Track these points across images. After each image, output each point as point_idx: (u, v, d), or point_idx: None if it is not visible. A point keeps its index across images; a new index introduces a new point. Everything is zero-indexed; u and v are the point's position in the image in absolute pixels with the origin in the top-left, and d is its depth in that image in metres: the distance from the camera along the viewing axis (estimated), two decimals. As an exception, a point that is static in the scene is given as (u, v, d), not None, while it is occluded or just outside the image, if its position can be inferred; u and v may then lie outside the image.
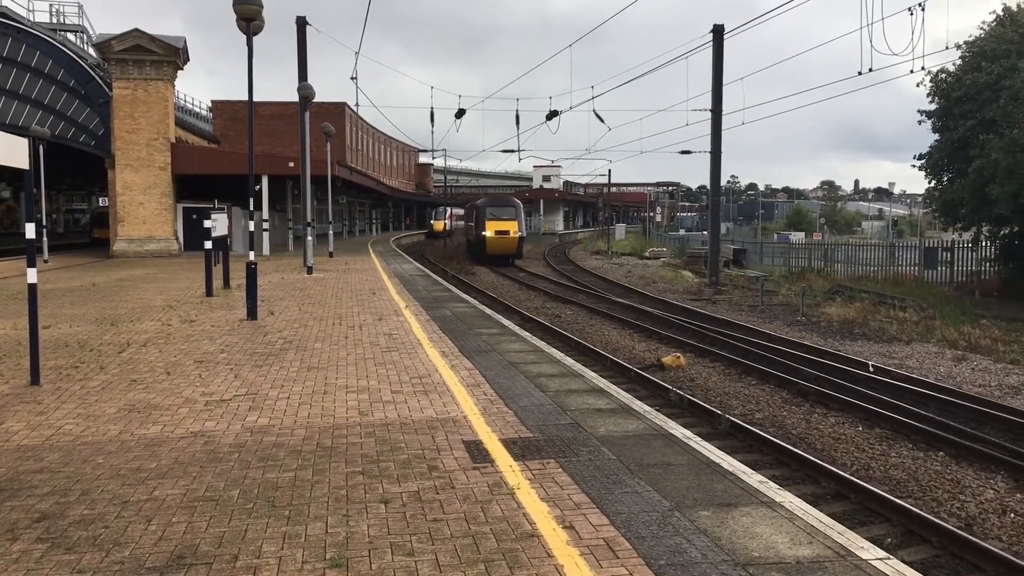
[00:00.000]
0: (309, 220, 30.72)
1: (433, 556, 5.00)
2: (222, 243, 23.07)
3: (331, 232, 42.05)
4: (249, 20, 16.28)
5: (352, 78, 39.35)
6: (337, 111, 66.25)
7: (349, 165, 57.71)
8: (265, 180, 37.13)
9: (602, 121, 38.97)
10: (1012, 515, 8.41)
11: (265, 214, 36.97)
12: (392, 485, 6.29)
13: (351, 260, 36.19)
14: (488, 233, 46.28)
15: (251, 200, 17.66)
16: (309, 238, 28.99)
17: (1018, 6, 31.69)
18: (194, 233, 34.83)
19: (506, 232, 46.35)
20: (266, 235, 37.65)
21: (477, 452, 7.15)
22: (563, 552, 5.05)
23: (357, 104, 45.07)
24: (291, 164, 37.87)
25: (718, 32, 34.78)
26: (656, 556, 4.99)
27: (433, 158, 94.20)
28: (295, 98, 32.36)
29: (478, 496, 6.05)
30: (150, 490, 6.18)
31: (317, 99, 34.26)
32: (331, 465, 6.79)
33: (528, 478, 6.46)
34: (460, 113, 41.44)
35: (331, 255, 37.71)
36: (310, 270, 27.93)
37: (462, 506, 5.84)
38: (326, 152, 37.32)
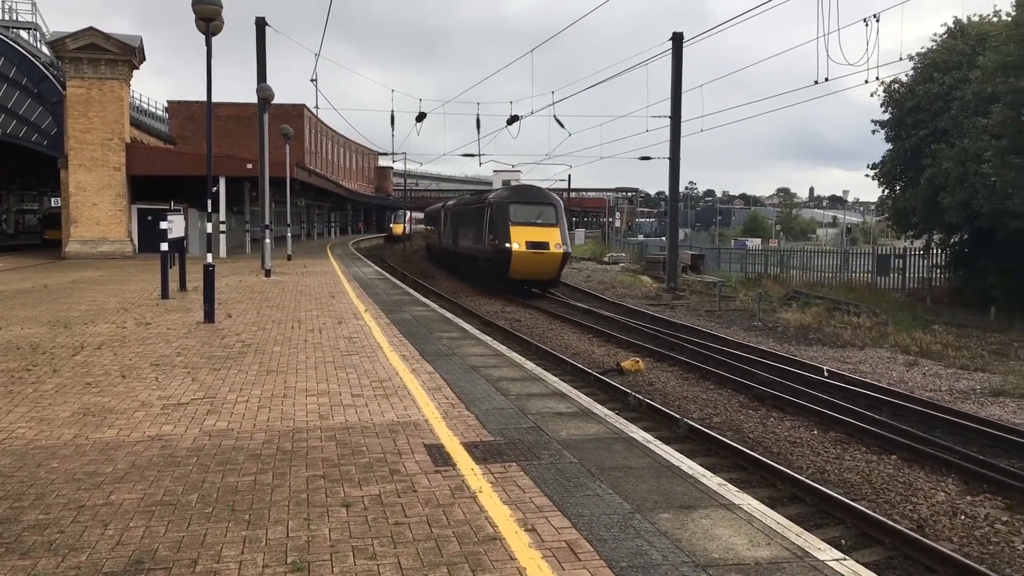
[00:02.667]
0: (267, 222, 30.46)
1: (395, 559, 4.99)
2: (178, 245, 22.78)
3: (289, 235, 41.74)
4: (208, 20, 16.11)
5: (312, 80, 39.15)
6: (296, 113, 65.80)
7: (308, 167, 57.33)
8: (222, 181, 36.72)
9: (562, 126, 39.13)
10: (962, 517, 8.59)
11: (222, 216, 36.57)
12: (353, 489, 6.27)
13: (310, 263, 35.92)
14: (515, 246, 28.75)
15: (208, 202, 17.46)
16: (267, 240, 28.75)
17: (968, 19, 32.40)
18: (149, 235, 34.37)
19: (544, 246, 29.02)
20: (223, 237, 37.24)
21: (439, 455, 7.15)
22: (525, 555, 5.07)
23: (316, 106, 44.48)
24: (249, 166, 37.51)
25: (677, 40, 35.11)
26: (617, 558, 5.03)
27: (393, 161, 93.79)
28: (253, 99, 32.13)
29: (440, 499, 6.05)
30: (106, 494, 6.09)
31: (276, 100, 34.00)
32: (292, 469, 6.74)
33: (490, 481, 6.47)
34: (421, 117, 41.31)
35: (289, 258, 37.41)
36: (268, 273, 27.69)
37: (424, 509, 5.84)
38: (285, 154, 37.02)
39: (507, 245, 29.09)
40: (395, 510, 5.82)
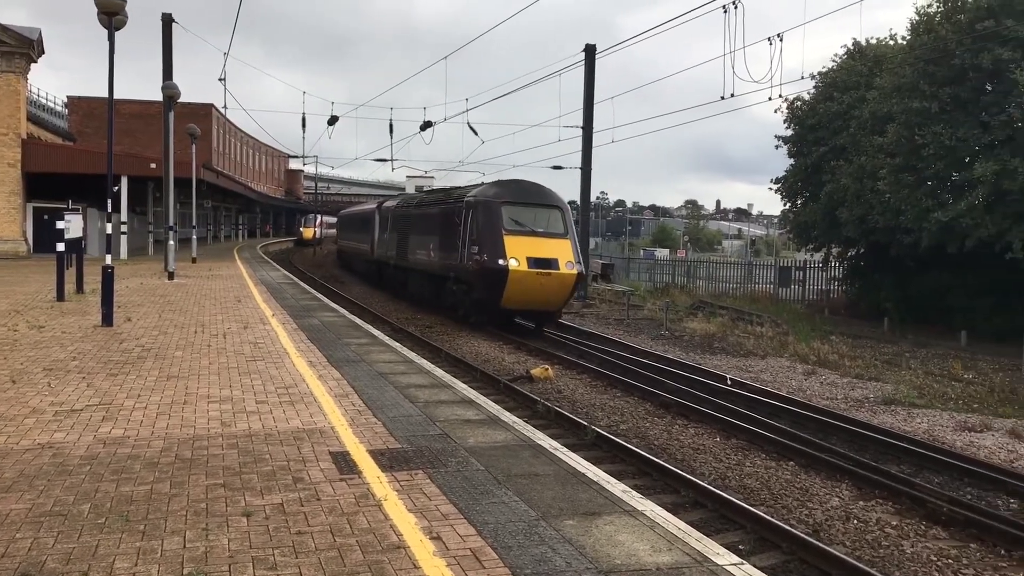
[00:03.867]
0: (171, 224, 29.64)
1: (296, 570, 4.89)
2: (76, 245, 21.96)
3: (194, 237, 40.71)
4: (111, 15, 15.61)
5: (220, 79, 38.15)
6: (204, 112, 64.27)
7: (215, 168, 56.06)
8: (124, 181, 35.57)
9: (476, 134, 39.11)
10: (855, 521, 8.89)
11: (124, 216, 35.39)
12: (255, 497, 6.13)
13: (215, 266, 35.09)
14: (513, 264, 21.48)
15: (108, 201, 16.89)
16: (171, 242, 27.96)
17: (867, 41, 33.75)
18: (45, 234, 33.04)
19: (551, 264, 21.84)
20: (124, 238, 36.04)
21: (344, 463, 7.06)
22: (430, 563, 5.04)
23: (225, 106, 43.34)
24: (153, 165, 36.47)
25: (590, 52, 35.59)
26: (522, 565, 5.04)
27: (304, 164, 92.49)
28: (159, 97, 31.21)
29: (344, 508, 5.96)
30: (-9, 505, 5.82)
31: (183, 99, 33.18)
32: (190, 477, 6.55)
33: (396, 489, 6.41)
34: (333, 120, 40.84)
35: (194, 260, 36.47)
36: (171, 275, 26.92)
37: (327, 518, 5.75)
38: (191, 154, 36.08)
39: (501, 262, 21.27)
40: (298, 519, 5.72)
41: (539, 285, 21.68)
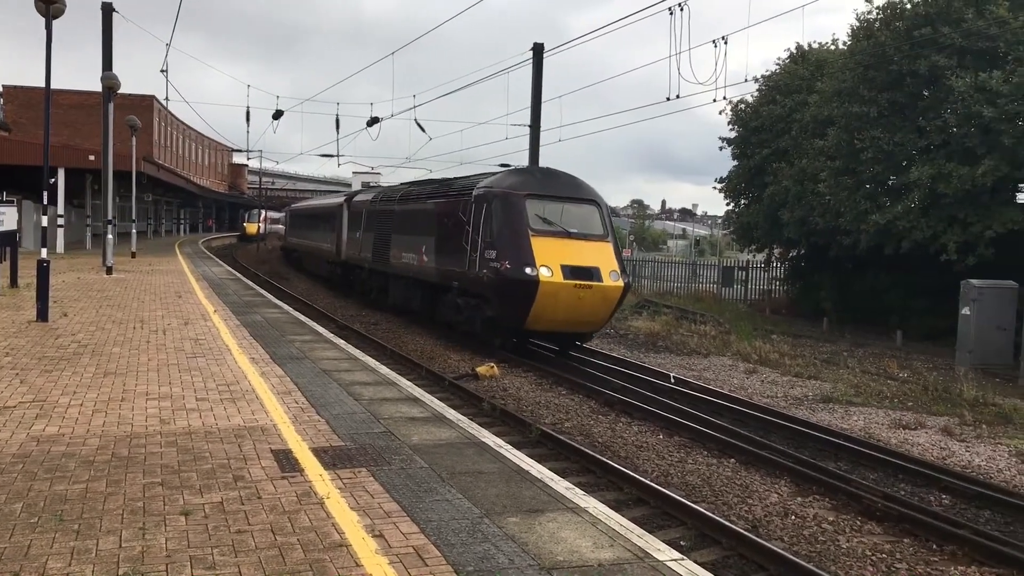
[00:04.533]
0: (110, 217, 29.01)
1: (236, 569, 4.83)
2: (10, 238, 21.38)
3: (134, 231, 39.89)
4: (49, 3, 15.22)
5: (162, 71, 37.53)
6: (145, 104, 62.98)
7: (156, 161, 55.00)
8: (61, 173, 34.68)
9: (423, 130, 38.93)
10: (793, 517, 9.06)
11: (60, 209, 34.55)
12: (194, 496, 6.04)
13: (156, 261, 34.45)
14: (544, 273, 17.16)
15: (44, 194, 16.47)
16: (110, 236, 27.38)
17: (809, 46, 34.36)
18: (-23, 227, 32.08)
19: (591, 274, 17.58)
20: (60, 231, 35.18)
21: (286, 461, 6.98)
22: (372, 561, 5.01)
23: (167, 98, 42.47)
24: (91, 157, 35.64)
25: (538, 50, 35.65)
26: (465, 563, 5.04)
27: (248, 159, 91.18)
28: (99, 88, 30.52)
29: (286, 506, 5.90)
30: (-83, 505, 5.64)
31: (123, 90, 32.46)
32: (127, 476, 6.43)
33: (338, 487, 6.37)
34: (278, 114, 40.29)
35: (134, 255, 35.74)
36: (110, 270, 26.36)
37: (268, 517, 5.69)
38: (131, 146, 35.35)
39: (528, 271, 16.81)
40: (238, 518, 5.65)
41: (576, 300, 17.06)
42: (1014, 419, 14.43)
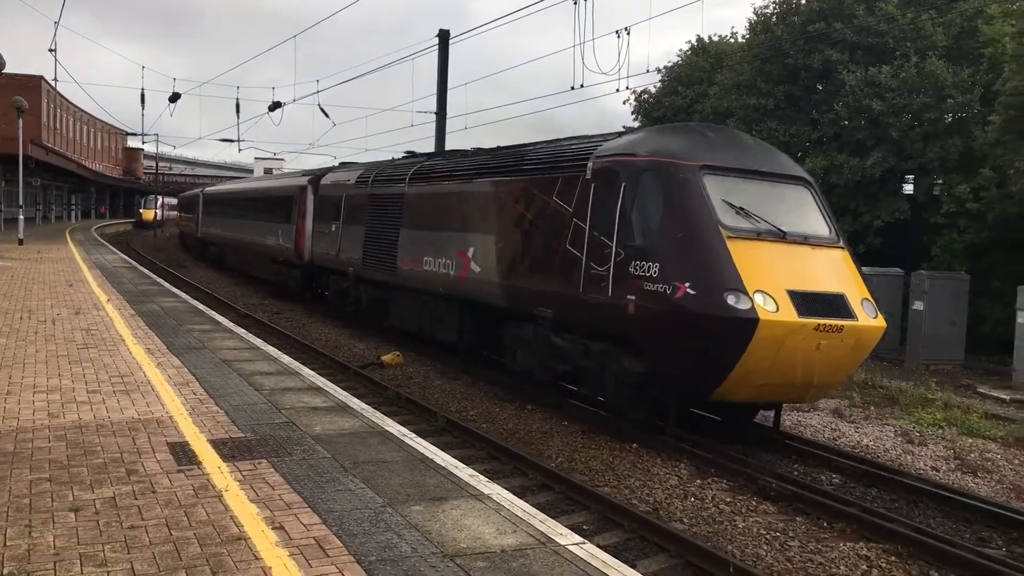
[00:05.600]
0: (-5, 202, 27.64)
1: (128, 565, 4.69)
2: None
3: (21, 217, 38.16)
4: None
5: (51, 50, 35.83)
6: (32, 85, 60.11)
7: (45, 144, 52.69)
8: (-59, 155, 32.97)
9: (327, 116, 38.19)
10: (692, 499, 9.27)
11: (-60, 194, 32.83)
12: (84, 492, 5.83)
13: (45, 248, 33.05)
14: (765, 306, 9.53)
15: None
16: (-6, 222, 26.12)
17: (709, 38, 35.14)
18: None
19: (838, 307, 10.00)
20: (-60, 217, 33.44)
21: (183, 454, 6.80)
22: (271, 554, 4.93)
23: (56, 79, 40.56)
24: (-26, 139, 33.92)
25: (444, 37, 35.41)
26: (367, 552, 5.01)
27: (143, 143, 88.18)
28: (-19, 66, 29.01)
29: (182, 500, 5.75)
30: None
31: (8, 70, 30.97)
32: (13, 472, 6.16)
33: (238, 479, 6.24)
34: (175, 97, 39.06)
35: (21, 242, 34.21)
36: (-5, 258, 25.17)
37: (163, 511, 5.53)
38: (17, 128, 33.75)
39: (732, 301, 9.71)
40: (131, 513, 5.47)
41: (812, 352, 9.91)
42: (899, 400, 15.12)
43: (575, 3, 21.48)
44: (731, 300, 9.60)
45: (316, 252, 23.14)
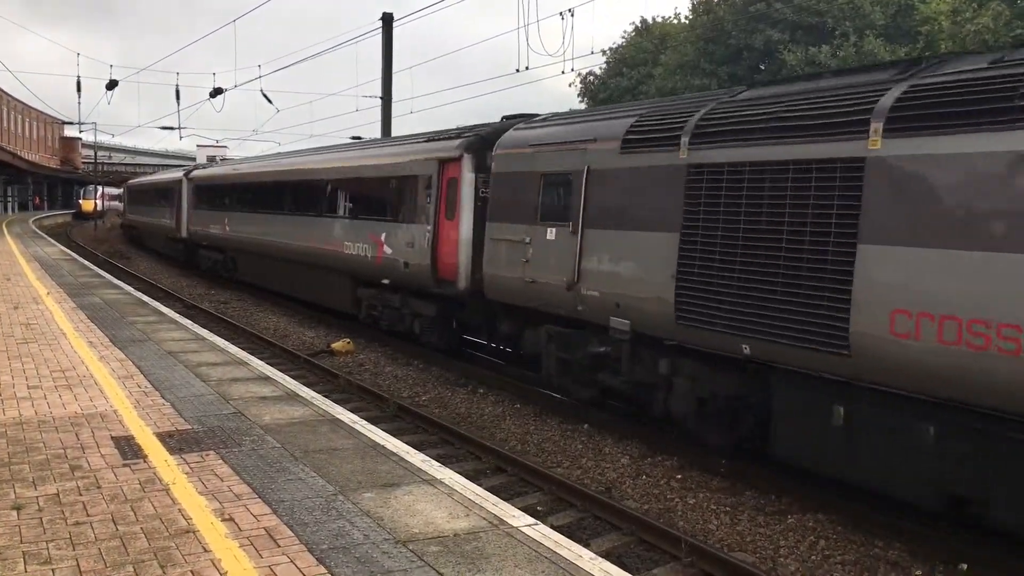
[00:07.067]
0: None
1: (74, 562, 4.60)
2: None
3: (-45, 210, 37.11)
4: None
5: (-20, 37, 34.81)
6: (-38, 73, 58.35)
7: (-22, 135, 51.20)
8: None
9: (270, 102, 37.74)
10: (644, 477, 9.38)
11: None
12: (27, 489, 5.70)
13: (-19, 242, 32.19)
14: None
15: None
16: (-74, 216, 25.35)
17: (653, 19, 35.33)
18: None
19: None
20: None
21: (128, 448, 6.69)
22: (221, 545, 4.88)
23: (-13, 67, 39.18)
24: (-98, 130, 32.83)
25: (387, 20, 35.10)
26: (319, 541, 4.98)
27: (81, 132, 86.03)
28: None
29: (128, 495, 5.66)
30: None
31: (-64, 57, 29.99)
32: (-50, 472, 6.00)
33: (185, 472, 6.16)
34: (112, 84, 38.20)
35: (-45, 236, 33.28)
36: (-72, 253, 24.44)
37: (109, 506, 5.44)
38: (-52, 119, 32.76)
39: None
40: (75, 509, 5.37)
41: None
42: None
43: (519, -15, 21.41)
44: None
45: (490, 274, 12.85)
